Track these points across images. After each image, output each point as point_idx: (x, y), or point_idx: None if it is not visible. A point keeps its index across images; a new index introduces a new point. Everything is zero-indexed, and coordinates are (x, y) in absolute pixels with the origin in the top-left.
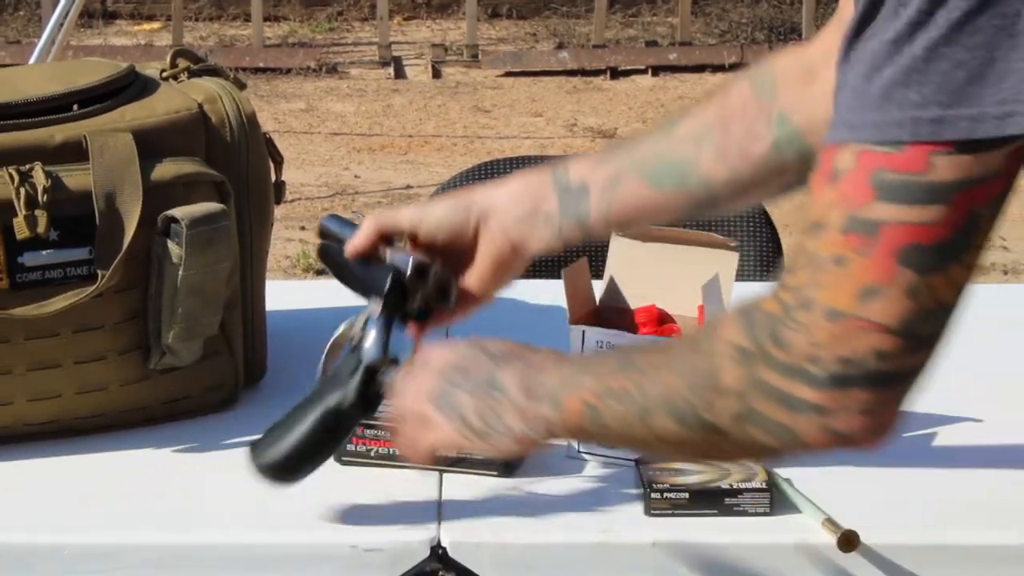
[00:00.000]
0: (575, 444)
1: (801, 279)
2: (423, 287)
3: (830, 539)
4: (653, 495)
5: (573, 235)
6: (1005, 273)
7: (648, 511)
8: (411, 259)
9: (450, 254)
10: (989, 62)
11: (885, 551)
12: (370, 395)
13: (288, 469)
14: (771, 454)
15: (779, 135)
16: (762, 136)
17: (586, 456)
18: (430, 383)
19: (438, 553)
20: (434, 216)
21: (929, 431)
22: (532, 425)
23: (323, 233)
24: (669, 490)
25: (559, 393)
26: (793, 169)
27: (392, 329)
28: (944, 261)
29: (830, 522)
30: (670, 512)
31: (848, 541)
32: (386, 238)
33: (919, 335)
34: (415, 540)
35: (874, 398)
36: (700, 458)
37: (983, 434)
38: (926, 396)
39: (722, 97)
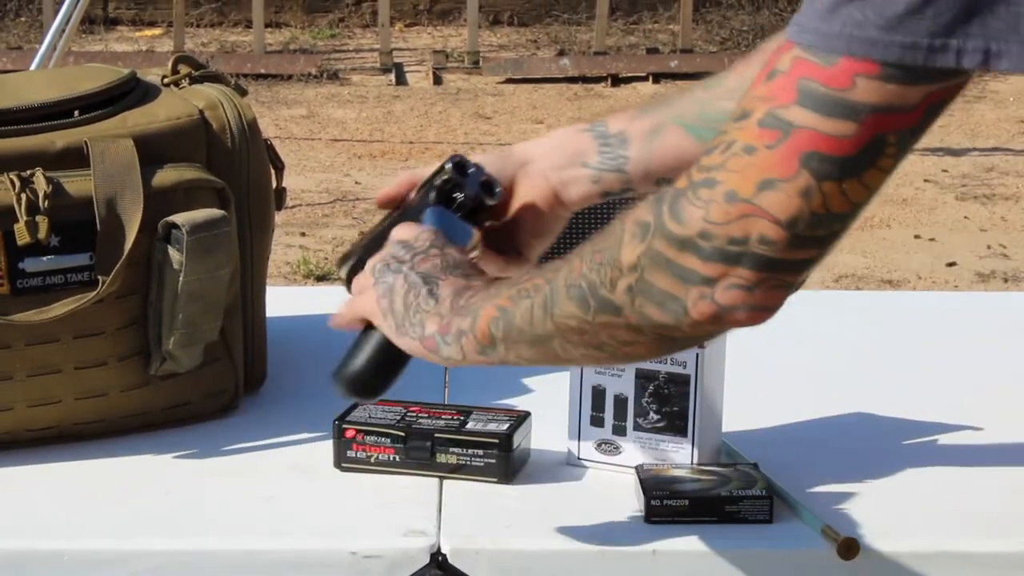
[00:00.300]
0: (576, 452)
1: (714, 160)
2: (465, 182)
3: (830, 546)
4: (653, 502)
5: (612, 185)
6: (1005, 281)
7: (648, 518)
8: (449, 159)
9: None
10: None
11: (885, 559)
12: None
13: (367, 382)
14: (661, 335)
15: None
16: None
17: (586, 463)
18: (384, 252)
19: (438, 560)
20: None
21: (929, 439)
22: (445, 336)
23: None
24: (669, 497)
25: (480, 304)
26: None
27: (447, 216)
28: (841, 173)
29: (829, 529)
30: (670, 519)
31: (848, 548)
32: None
33: (803, 234)
34: (415, 547)
35: (756, 277)
36: (596, 353)
37: (984, 442)
38: (927, 403)
39: (764, 52)
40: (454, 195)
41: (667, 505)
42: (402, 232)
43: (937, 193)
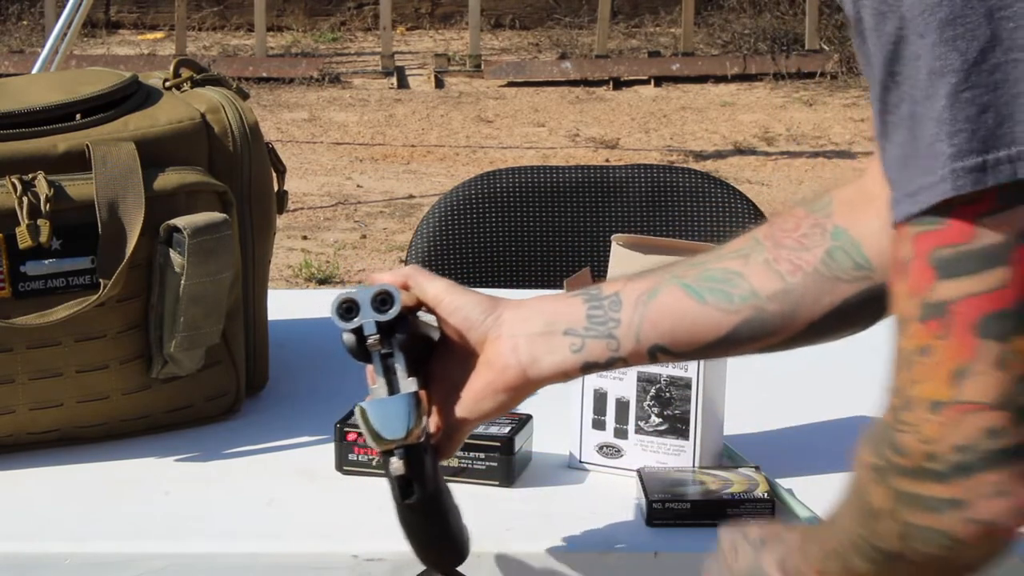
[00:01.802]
0: (577, 455)
1: (900, 380)
2: (396, 326)
3: None
4: (655, 505)
5: (598, 354)
6: None
7: (650, 521)
8: (372, 290)
9: (455, 349)
10: (1017, 96)
11: None
12: (406, 479)
13: (442, 557)
14: (948, 566)
15: (834, 244)
16: (816, 245)
17: (588, 466)
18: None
19: None
20: (458, 300)
21: None
22: None
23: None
24: (671, 500)
25: (802, 566)
26: (848, 280)
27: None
28: (1021, 323)
29: None
30: (672, 522)
31: None
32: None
33: (1022, 403)
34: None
35: (1003, 477)
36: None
37: None
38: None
39: (772, 220)
40: (367, 344)
41: (668, 508)
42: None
43: None
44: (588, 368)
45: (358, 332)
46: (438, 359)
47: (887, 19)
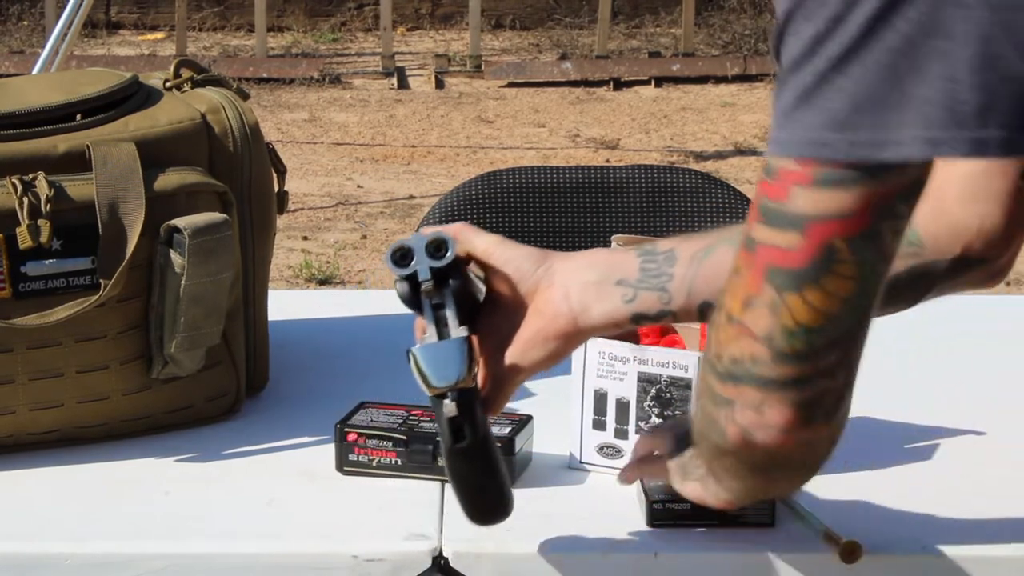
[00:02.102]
0: (577, 456)
1: (725, 285)
2: (449, 277)
3: (832, 549)
4: (655, 506)
5: (649, 306)
6: (1008, 284)
7: (650, 522)
8: (425, 239)
9: (502, 304)
10: (873, 92)
11: (888, 563)
12: (458, 423)
13: (491, 508)
14: (731, 458)
15: None
16: None
17: (588, 467)
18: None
19: (440, 563)
20: (509, 252)
21: (931, 443)
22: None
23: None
24: (671, 501)
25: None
26: (902, 255)
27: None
28: (797, 284)
29: (832, 533)
30: (672, 523)
31: (850, 552)
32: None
33: (782, 350)
34: (417, 550)
35: (758, 397)
36: (747, 485)
37: (986, 446)
38: (929, 407)
39: None
40: (440, 301)
41: (669, 509)
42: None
43: None
44: (638, 319)
45: (412, 279)
46: (485, 315)
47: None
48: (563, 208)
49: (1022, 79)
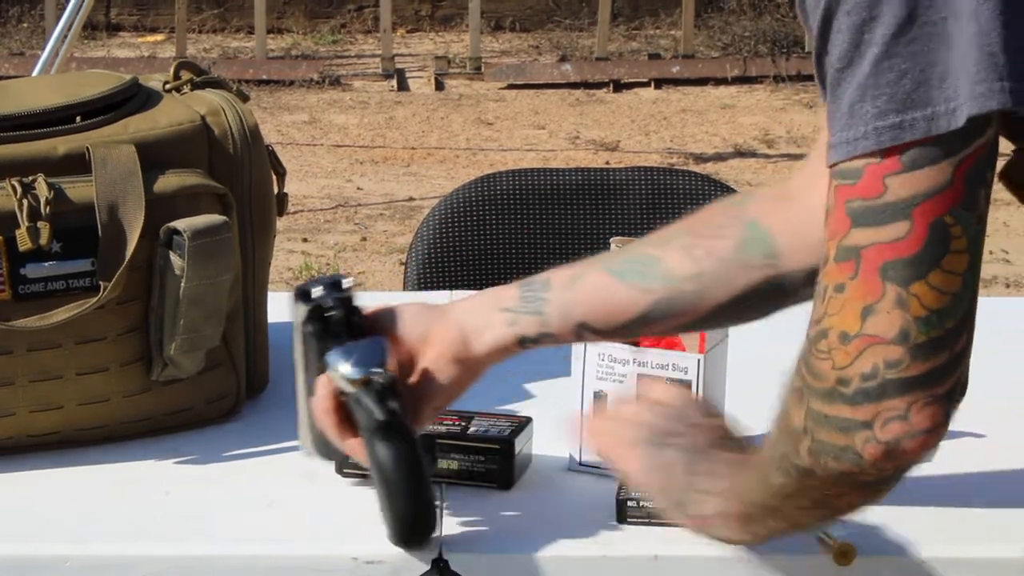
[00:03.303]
0: (577, 457)
1: (818, 312)
2: (323, 299)
3: (826, 552)
4: (629, 503)
5: (529, 328)
6: (1007, 286)
7: (623, 519)
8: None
9: (409, 353)
10: (930, 66)
11: (883, 565)
12: (388, 413)
13: (414, 524)
14: (853, 481)
15: (747, 235)
16: (729, 235)
17: (587, 470)
18: (648, 418)
19: (439, 566)
20: (400, 311)
21: None
22: (718, 515)
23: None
24: (646, 499)
25: (736, 486)
26: (757, 267)
27: (354, 347)
28: (920, 271)
29: (826, 535)
30: (646, 521)
31: (844, 554)
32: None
33: (919, 343)
34: (416, 552)
35: (904, 403)
36: (823, 512)
37: (985, 448)
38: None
39: (691, 214)
40: (328, 317)
41: (643, 507)
42: (660, 393)
43: None
44: (523, 342)
45: (317, 311)
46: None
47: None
48: (563, 210)
49: None
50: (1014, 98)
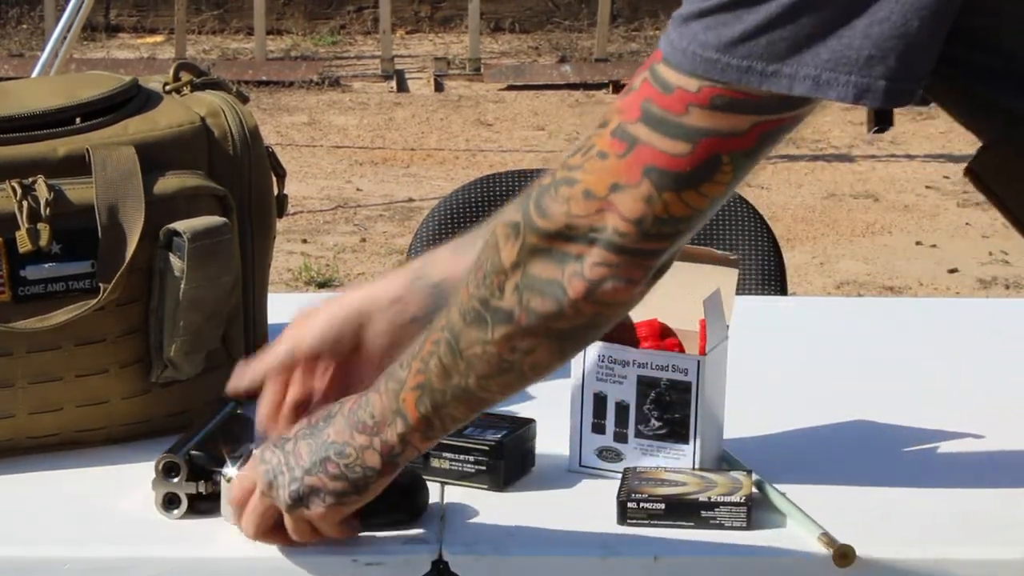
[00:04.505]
0: (577, 459)
1: (575, 160)
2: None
3: (826, 554)
4: (630, 504)
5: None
6: (1007, 288)
7: (623, 520)
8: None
9: (344, 363)
10: (768, 27)
11: (883, 566)
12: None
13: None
14: (552, 329)
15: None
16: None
17: (588, 470)
18: (264, 503)
19: (439, 568)
20: (309, 336)
21: (930, 446)
22: (392, 452)
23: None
24: (646, 500)
25: (395, 405)
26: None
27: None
28: (678, 185)
29: (826, 536)
30: (646, 522)
31: (844, 556)
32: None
33: (650, 231)
34: (416, 554)
35: (615, 259)
36: (507, 378)
37: (985, 449)
38: (928, 410)
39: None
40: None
41: (643, 508)
42: (256, 466)
43: (938, 199)
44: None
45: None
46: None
47: None
48: None
49: (911, 37)
50: (856, 92)
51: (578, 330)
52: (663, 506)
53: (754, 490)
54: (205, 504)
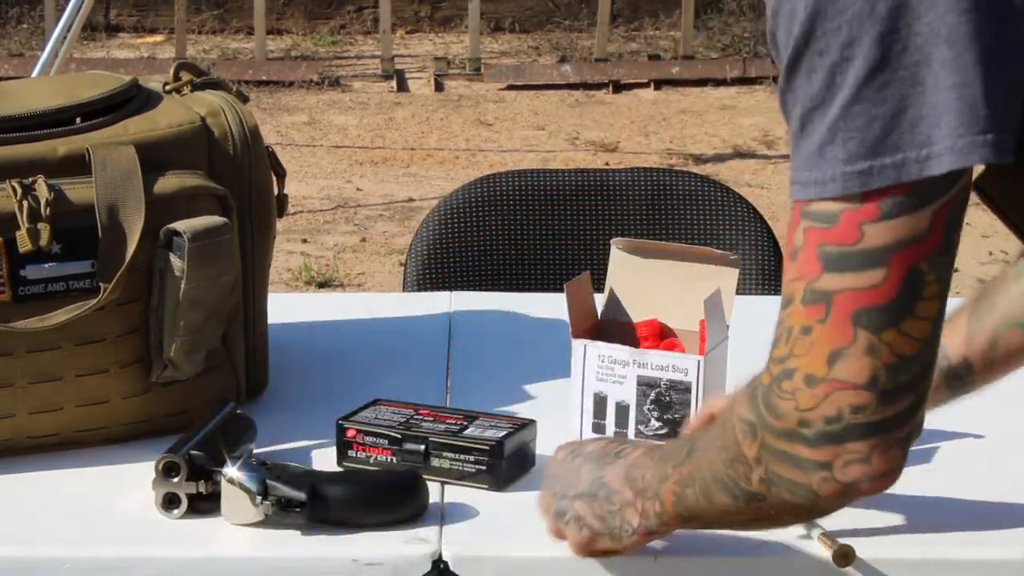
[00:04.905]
0: None
1: (782, 351)
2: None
3: (826, 553)
4: None
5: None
6: None
7: None
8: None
9: None
10: (901, 111)
11: (883, 566)
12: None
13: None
14: (803, 511)
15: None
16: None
17: None
18: (549, 502)
19: (439, 567)
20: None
21: (930, 446)
22: (647, 519)
23: None
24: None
25: (657, 487)
26: None
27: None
28: (894, 318)
29: (826, 536)
30: None
31: (844, 556)
32: None
33: (887, 388)
34: (416, 554)
35: (866, 447)
36: (759, 525)
37: (984, 450)
38: (928, 412)
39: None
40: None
41: None
42: (550, 473)
43: None
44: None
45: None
46: None
47: (794, 26)
48: (562, 211)
49: (1020, 80)
50: (995, 150)
51: (828, 511)
52: None
53: None
54: (205, 504)
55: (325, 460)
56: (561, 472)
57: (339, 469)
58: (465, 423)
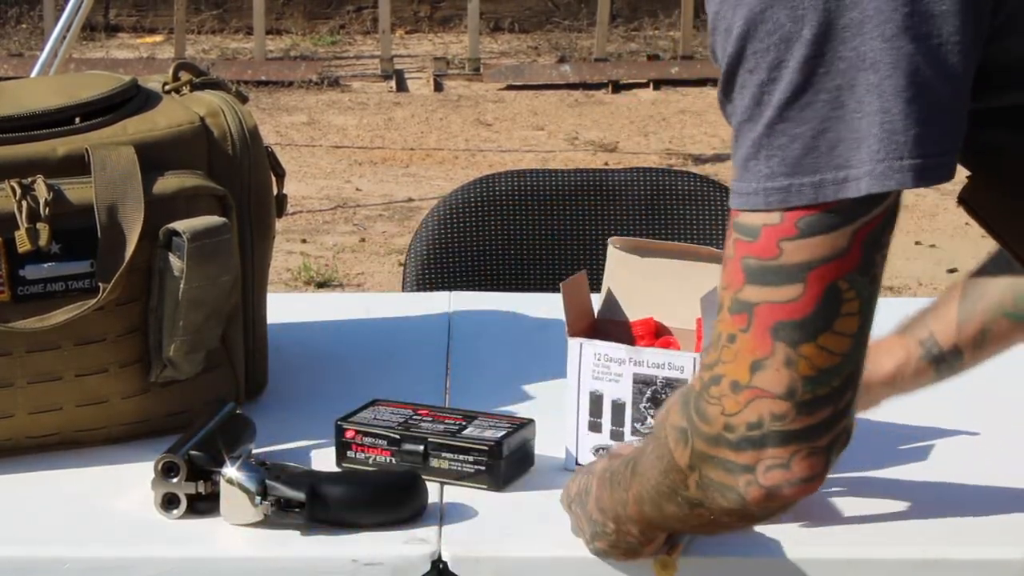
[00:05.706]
0: (574, 457)
1: (711, 357)
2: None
3: (830, 555)
4: None
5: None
6: None
7: None
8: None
9: None
10: (821, 133)
11: (883, 566)
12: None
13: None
14: (738, 516)
15: None
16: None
17: None
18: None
19: (439, 567)
20: None
21: (926, 444)
22: (639, 535)
23: None
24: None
25: (623, 514)
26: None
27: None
28: (811, 333)
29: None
30: None
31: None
32: None
33: (805, 399)
34: (416, 554)
35: (786, 453)
36: (707, 530)
37: (981, 448)
38: (925, 409)
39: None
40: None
41: None
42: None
43: (938, 199)
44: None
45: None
46: None
47: (728, 43)
48: (562, 211)
49: (947, 106)
50: (916, 175)
51: (773, 513)
52: None
53: None
54: (204, 504)
55: (324, 460)
56: (577, 486)
57: (338, 470)
58: (464, 423)
